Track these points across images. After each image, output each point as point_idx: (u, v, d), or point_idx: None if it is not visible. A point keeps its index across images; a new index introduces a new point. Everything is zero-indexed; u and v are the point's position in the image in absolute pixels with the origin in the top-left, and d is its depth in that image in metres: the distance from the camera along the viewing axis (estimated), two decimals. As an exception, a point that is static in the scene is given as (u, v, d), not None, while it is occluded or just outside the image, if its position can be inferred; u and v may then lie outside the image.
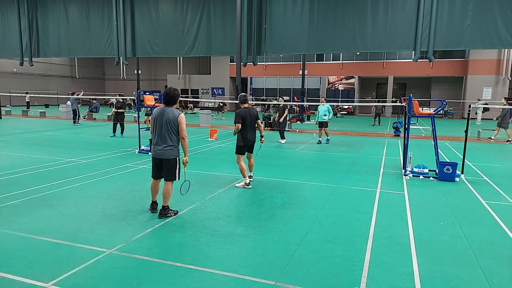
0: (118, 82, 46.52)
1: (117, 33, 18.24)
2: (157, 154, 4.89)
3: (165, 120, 4.79)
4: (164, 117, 4.79)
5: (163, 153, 4.85)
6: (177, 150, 4.95)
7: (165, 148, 4.84)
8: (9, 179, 6.98)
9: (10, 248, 3.98)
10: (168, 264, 3.68)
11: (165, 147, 4.84)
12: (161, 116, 4.81)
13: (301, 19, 15.31)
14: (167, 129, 4.80)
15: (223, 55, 28.21)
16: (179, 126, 4.82)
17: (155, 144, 4.90)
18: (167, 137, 4.82)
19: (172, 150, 4.87)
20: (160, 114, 4.83)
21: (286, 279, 3.42)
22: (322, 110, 13.06)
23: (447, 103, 8.85)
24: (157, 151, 4.87)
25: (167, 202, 5.03)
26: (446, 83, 33.50)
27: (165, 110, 4.83)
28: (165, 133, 4.81)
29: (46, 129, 15.99)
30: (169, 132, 4.81)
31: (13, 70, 35.45)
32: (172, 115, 4.79)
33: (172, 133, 4.83)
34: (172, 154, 4.87)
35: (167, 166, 4.93)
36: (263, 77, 36.67)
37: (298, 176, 7.84)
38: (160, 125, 4.82)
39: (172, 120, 4.78)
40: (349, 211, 5.47)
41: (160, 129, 4.83)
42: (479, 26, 13.09)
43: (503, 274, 3.63)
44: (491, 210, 5.66)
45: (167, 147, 4.84)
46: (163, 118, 4.80)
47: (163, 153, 4.85)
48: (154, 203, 5.22)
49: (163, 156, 4.86)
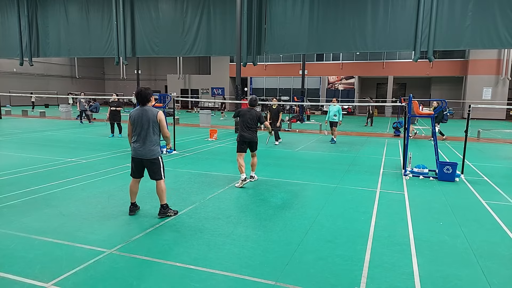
0: (118, 82, 46.51)
1: (117, 33, 18.25)
2: (138, 154, 4.85)
3: (145, 120, 4.79)
4: (144, 117, 4.79)
5: (145, 153, 4.83)
6: (158, 148, 4.95)
7: (148, 147, 4.82)
8: (9, 179, 6.98)
9: (10, 248, 3.98)
10: (168, 264, 3.68)
11: (147, 146, 4.81)
12: (140, 117, 4.80)
13: (301, 19, 15.32)
14: (148, 128, 4.80)
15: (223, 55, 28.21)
16: (160, 124, 4.85)
17: (136, 144, 4.86)
18: (149, 137, 4.81)
19: (154, 150, 4.87)
20: (139, 114, 4.81)
21: (286, 279, 3.42)
22: (332, 111, 13.10)
23: (447, 103, 8.85)
24: (139, 151, 4.84)
25: (164, 200, 5.01)
26: (446, 83, 33.49)
27: (144, 110, 4.83)
28: (146, 133, 4.80)
29: (46, 129, 15.99)
30: (150, 131, 4.81)
31: (13, 70, 35.44)
32: (152, 114, 4.79)
33: (153, 132, 4.84)
34: (154, 154, 4.87)
35: (151, 166, 4.91)
36: (263, 77, 36.66)
37: (298, 176, 7.84)
38: (141, 125, 4.80)
39: (153, 119, 4.78)
40: (349, 211, 5.47)
41: (140, 129, 4.81)
42: (479, 26, 13.10)
43: (503, 274, 3.63)
44: (491, 210, 5.66)
45: (149, 146, 4.82)
46: (143, 118, 4.79)
47: (146, 153, 4.83)
48: (134, 205, 5.16)
49: (145, 156, 4.83)
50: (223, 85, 37.60)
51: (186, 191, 6.39)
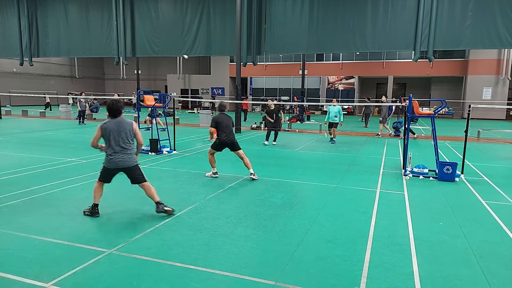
0: (118, 82, 46.50)
1: (117, 33, 18.24)
2: (118, 164, 4.95)
3: (123, 131, 4.97)
4: (121, 128, 4.96)
5: (127, 162, 4.97)
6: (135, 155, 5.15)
7: (128, 156, 4.99)
8: (9, 179, 6.98)
9: (10, 248, 3.98)
10: (168, 264, 3.68)
11: (128, 156, 4.98)
12: (118, 128, 4.94)
13: (301, 19, 15.32)
14: (126, 138, 4.99)
15: (223, 55, 28.21)
16: (135, 133, 5.09)
17: (117, 155, 4.93)
18: (127, 146, 4.99)
19: (134, 157, 5.08)
20: (117, 126, 4.95)
21: (286, 279, 3.42)
22: (333, 111, 13.02)
23: (447, 103, 8.85)
24: (120, 162, 4.95)
25: (158, 198, 5.13)
26: (446, 83, 33.49)
27: (120, 122, 4.99)
28: (125, 143, 4.97)
29: (46, 129, 15.98)
30: (128, 141, 5.02)
31: (13, 70, 35.43)
32: (128, 124, 5.02)
33: (131, 141, 5.06)
34: (134, 161, 5.07)
35: (134, 172, 5.06)
36: (263, 77, 36.66)
37: (298, 176, 7.84)
38: (119, 137, 4.94)
39: (129, 129, 5.01)
40: (349, 211, 5.47)
41: (118, 141, 4.94)
42: (479, 26, 13.10)
43: (503, 274, 3.63)
44: (491, 210, 5.66)
45: (130, 155, 5.01)
46: (120, 129, 4.95)
47: (128, 162, 4.97)
48: (96, 206, 5.08)
49: (128, 165, 4.98)
50: (223, 85, 37.60)
51: (186, 191, 6.39)
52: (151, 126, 11.51)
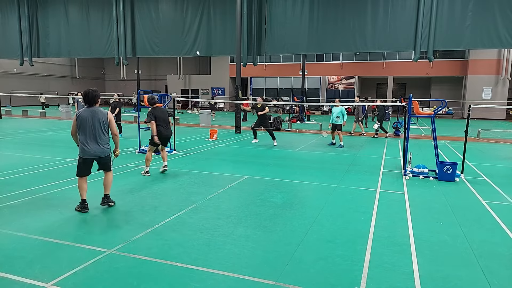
0: (118, 82, 46.51)
1: (117, 33, 18.25)
2: (92, 154, 5.06)
3: (97, 120, 5.01)
4: (95, 118, 5.00)
5: (101, 152, 5.10)
6: (109, 145, 5.25)
7: (102, 147, 5.09)
8: (9, 179, 6.99)
9: (10, 248, 3.98)
10: (168, 264, 3.68)
11: (102, 146, 5.09)
12: (92, 117, 5.00)
13: (301, 19, 15.32)
14: (100, 128, 5.04)
15: (223, 55, 28.22)
16: (110, 123, 5.15)
17: (89, 145, 5.01)
18: (101, 136, 5.07)
19: (108, 147, 5.19)
20: (91, 115, 5.00)
21: (286, 279, 3.42)
22: (335, 112, 12.34)
23: (447, 103, 8.85)
24: (93, 151, 5.05)
25: (108, 191, 5.34)
26: (446, 83, 33.49)
27: (94, 111, 5.03)
28: (99, 133, 5.03)
29: (46, 129, 15.99)
30: (102, 131, 5.08)
31: (13, 70, 35.44)
32: (102, 114, 5.06)
33: (105, 131, 5.12)
34: (108, 151, 5.22)
35: (104, 161, 5.21)
36: (263, 77, 36.67)
37: (298, 176, 7.84)
38: (93, 126, 5.00)
39: (104, 119, 5.07)
40: (349, 211, 5.47)
41: (93, 129, 5.01)
42: (479, 26, 13.10)
43: (503, 274, 3.64)
44: (491, 210, 5.66)
45: (104, 145, 5.11)
46: (94, 119, 5.00)
47: (102, 152, 5.11)
48: (85, 202, 5.19)
49: (101, 155, 5.12)
50: (223, 85, 37.60)
51: (186, 191, 6.39)
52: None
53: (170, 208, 5.42)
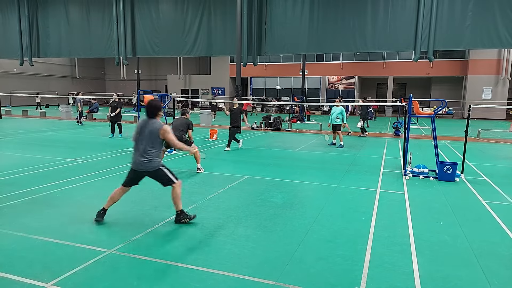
0: (118, 82, 46.51)
1: (117, 33, 18.24)
2: (135, 165, 4.65)
3: (148, 131, 4.59)
4: (147, 129, 4.60)
5: (142, 166, 4.60)
6: (158, 161, 4.70)
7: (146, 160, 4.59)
8: (9, 179, 6.99)
9: (11, 248, 3.98)
10: (168, 264, 3.68)
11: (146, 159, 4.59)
12: (144, 128, 4.62)
13: (301, 19, 15.31)
14: (148, 140, 4.60)
15: (224, 56, 28.21)
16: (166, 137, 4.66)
17: (134, 155, 4.65)
18: (146, 149, 4.59)
19: (154, 162, 4.64)
20: (144, 125, 4.63)
21: (286, 279, 3.42)
22: (335, 112, 12.27)
23: (447, 103, 8.85)
24: (135, 163, 4.65)
25: (179, 207, 4.79)
26: (446, 83, 33.49)
27: (147, 121, 4.63)
28: (145, 145, 4.58)
29: (46, 129, 15.99)
30: (150, 144, 4.60)
31: (13, 70, 35.44)
32: (154, 127, 4.61)
33: (153, 145, 4.62)
34: (154, 166, 4.65)
35: (154, 176, 4.74)
36: (263, 77, 36.67)
37: (298, 176, 7.84)
38: (142, 137, 4.61)
39: (154, 132, 4.59)
40: (349, 211, 5.47)
41: (141, 140, 4.61)
42: (479, 26, 13.09)
43: (503, 274, 3.64)
44: (491, 210, 5.66)
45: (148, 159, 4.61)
46: (146, 130, 4.60)
47: (143, 165, 4.60)
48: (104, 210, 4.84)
49: (143, 168, 4.63)
50: (223, 85, 37.61)
51: (186, 191, 6.39)
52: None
53: (170, 208, 5.40)
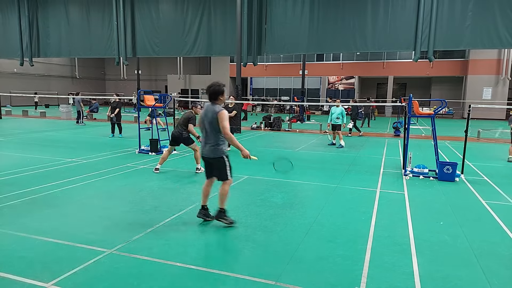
0: (118, 82, 46.52)
1: (117, 34, 18.25)
2: (203, 153, 4.65)
3: (207, 117, 4.52)
4: (207, 115, 4.53)
5: (208, 152, 4.59)
6: (221, 148, 4.60)
7: (211, 147, 4.56)
8: (9, 179, 6.99)
9: (11, 248, 3.98)
10: (168, 264, 3.68)
11: (210, 146, 4.55)
12: (205, 114, 4.56)
13: (301, 20, 15.32)
14: (209, 127, 4.54)
15: (224, 55, 28.19)
16: (219, 122, 4.45)
17: (202, 143, 4.68)
18: (209, 135, 4.56)
19: (218, 149, 4.57)
20: (205, 112, 4.58)
21: (286, 279, 3.42)
22: (335, 113, 12.26)
23: (447, 103, 8.85)
24: (203, 151, 4.64)
25: (222, 204, 4.73)
26: (446, 83, 33.48)
27: (207, 108, 4.56)
28: (208, 131, 4.56)
29: (46, 129, 15.99)
30: (212, 130, 4.53)
31: (13, 70, 35.44)
32: (212, 112, 4.48)
33: (215, 131, 4.51)
34: (218, 153, 4.57)
35: (215, 166, 4.69)
36: (263, 77, 36.67)
37: (298, 176, 7.83)
38: (204, 123, 4.58)
39: (211, 117, 4.47)
40: (349, 211, 5.47)
41: (204, 127, 4.60)
42: (479, 26, 13.10)
43: (503, 274, 3.64)
44: (491, 210, 5.66)
45: (212, 146, 4.56)
46: (206, 116, 4.54)
47: (208, 152, 4.59)
48: (204, 208, 4.82)
49: (208, 155, 4.61)
50: (223, 85, 37.56)
51: (186, 191, 6.40)
52: (151, 126, 11.52)
53: (170, 208, 5.42)
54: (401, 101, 15.00)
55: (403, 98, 15.87)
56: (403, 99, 15.19)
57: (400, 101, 15.32)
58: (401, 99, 16.20)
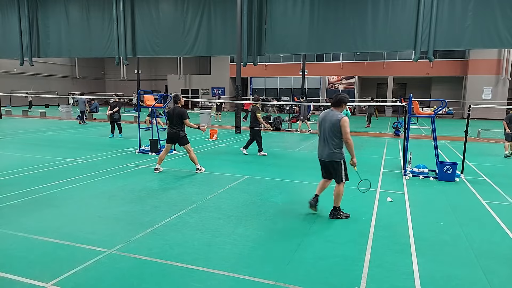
0: (118, 82, 46.51)
1: (117, 33, 18.24)
2: (319, 155, 5.13)
3: (328, 122, 4.90)
4: (327, 119, 4.92)
5: (325, 155, 5.03)
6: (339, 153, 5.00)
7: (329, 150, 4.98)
8: (9, 179, 6.99)
9: (11, 248, 3.98)
10: (169, 264, 3.69)
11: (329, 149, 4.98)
12: (325, 119, 4.97)
13: (301, 19, 15.31)
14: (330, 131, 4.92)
15: (224, 55, 28.19)
16: (342, 129, 4.86)
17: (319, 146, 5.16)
18: (328, 140, 4.96)
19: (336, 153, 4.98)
20: (324, 117, 4.99)
21: (286, 279, 3.42)
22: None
23: (447, 103, 8.85)
24: (319, 153, 5.12)
25: (337, 203, 5.14)
26: (446, 83, 33.48)
27: (328, 113, 5.00)
28: (327, 136, 4.94)
29: (46, 129, 15.99)
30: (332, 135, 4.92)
31: (13, 70, 35.44)
32: (335, 117, 4.87)
33: (333, 136, 4.91)
34: (334, 157, 4.99)
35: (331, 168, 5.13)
36: (263, 77, 36.66)
37: (298, 176, 7.84)
38: (324, 128, 4.97)
39: (333, 122, 4.86)
40: (349, 211, 5.46)
41: (323, 131, 4.99)
42: (480, 26, 13.08)
43: (503, 274, 3.63)
44: (491, 210, 5.66)
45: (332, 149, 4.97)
46: (326, 120, 4.93)
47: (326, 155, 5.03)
48: (316, 195, 5.31)
49: (325, 158, 5.05)
50: (224, 85, 37.60)
51: (186, 191, 6.40)
52: (151, 126, 11.53)
53: (170, 208, 5.42)
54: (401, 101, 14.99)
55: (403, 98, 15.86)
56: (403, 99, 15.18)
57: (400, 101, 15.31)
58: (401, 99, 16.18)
